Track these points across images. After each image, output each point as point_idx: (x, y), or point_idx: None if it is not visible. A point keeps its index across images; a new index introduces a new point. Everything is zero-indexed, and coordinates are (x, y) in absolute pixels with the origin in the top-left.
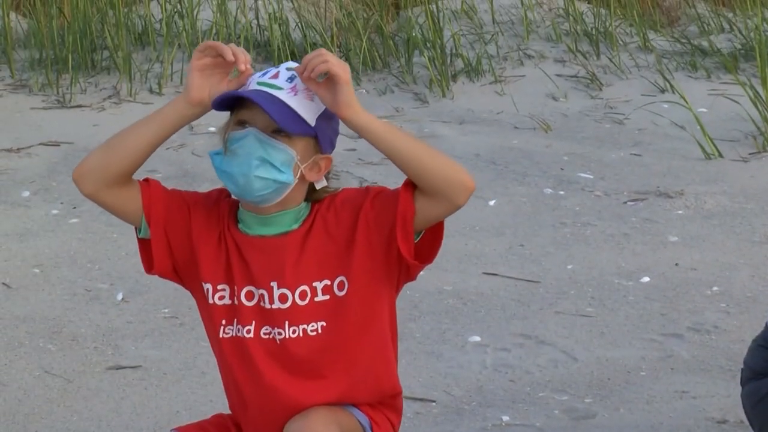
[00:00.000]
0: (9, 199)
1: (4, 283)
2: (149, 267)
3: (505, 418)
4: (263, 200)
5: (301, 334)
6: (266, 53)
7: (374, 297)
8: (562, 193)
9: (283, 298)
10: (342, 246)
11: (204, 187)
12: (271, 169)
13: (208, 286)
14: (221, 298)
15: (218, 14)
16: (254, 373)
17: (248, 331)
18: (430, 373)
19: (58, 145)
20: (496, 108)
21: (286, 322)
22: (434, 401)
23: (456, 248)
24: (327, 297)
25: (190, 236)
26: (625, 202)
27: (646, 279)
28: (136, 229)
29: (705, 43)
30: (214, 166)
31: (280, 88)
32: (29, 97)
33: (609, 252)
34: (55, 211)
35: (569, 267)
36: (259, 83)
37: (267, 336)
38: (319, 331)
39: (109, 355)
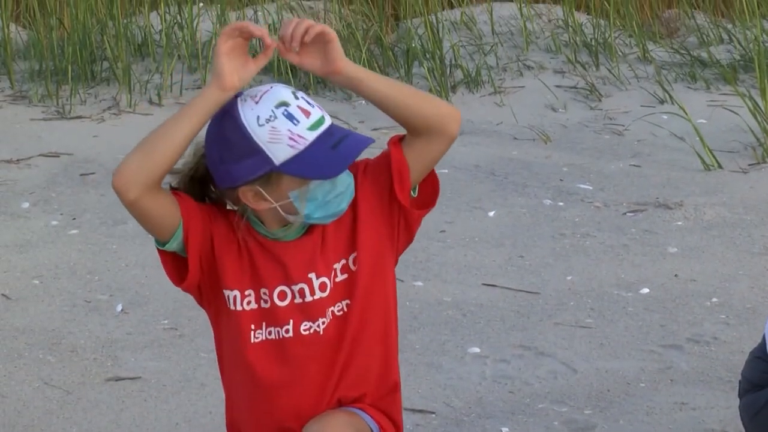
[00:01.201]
0: (8, 210)
1: (3, 294)
2: (180, 280)
3: (505, 429)
4: None
5: (331, 317)
6: (266, 65)
7: (381, 267)
8: (561, 204)
9: (323, 287)
10: (349, 224)
11: None
12: (351, 185)
13: (234, 293)
14: (249, 303)
15: (218, 25)
16: (291, 373)
17: (287, 331)
18: (430, 385)
19: (58, 156)
20: (495, 119)
21: (329, 310)
22: (434, 413)
23: (455, 259)
24: (345, 276)
25: (213, 247)
26: (625, 213)
27: (645, 290)
28: (156, 241)
29: (704, 54)
30: (315, 218)
31: (323, 117)
32: (29, 108)
33: (608, 263)
34: (54, 222)
35: (569, 278)
36: (310, 128)
37: (307, 332)
38: (345, 309)
39: (108, 366)
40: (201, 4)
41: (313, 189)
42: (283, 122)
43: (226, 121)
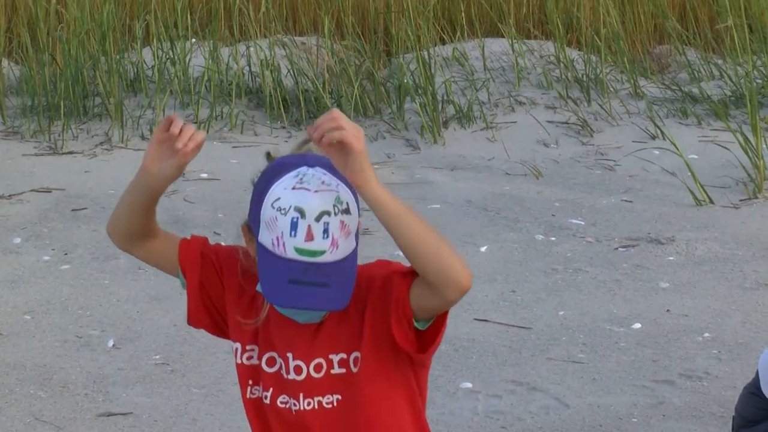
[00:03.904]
0: (0, 245)
1: None
2: (187, 320)
3: None
4: None
5: (316, 406)
6: (258, 100)
7: (386, 376)
8: (553, 239)
9: (297, 370)
10: (356, 322)
11: (195, 234)
12: (313, 317)
13: (237, 346)
14: (249, 358)
15: (210, 61)
16: None
17: (265, 397)
18: None
19: (50, 192)
20: (487, 154)
21: (301, 394)
22: None
23: None
24: (343, 370)
25: (223, 296)
26: (617, 249)
27: (637, 325)
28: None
29: (695, 90)
30: (271, 303)
31: (322, 252)
32: (21, 143)
33: (600, 298)
34: (46, 258)
35: (561, 313)
36: (297, 250)
37: (283, 405)
38: (335, 404)
39: (99, 401)
40: (193, 40)
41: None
42: (285, 223)
43: (271, 172)
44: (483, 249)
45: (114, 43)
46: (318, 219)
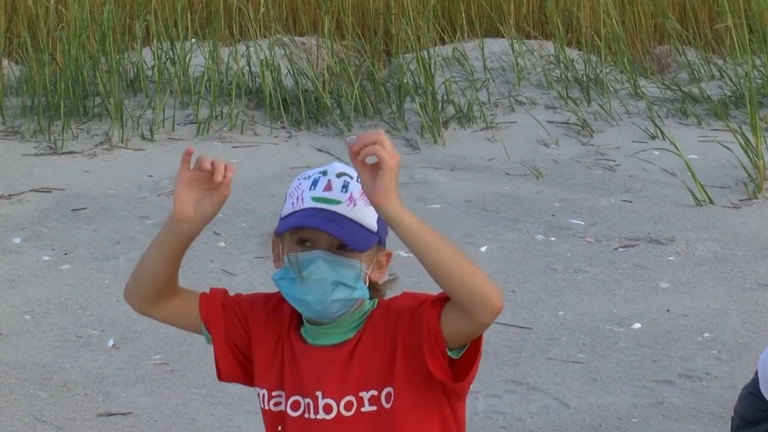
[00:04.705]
0: (0, 245)
1: None
2: (218, 375)
3: None
4: (339, 317)
5: None
6: (258, 100)
7: (421, 411)
8: (553, 239)
9: (327, 409)
10: (388, 356)
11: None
12: (346, 289)
13: (263, 392)
14: (277, 404)
15: (210, 61)
16: None
17: None
18: None
19: (50, 192)
20: (487, 154)
21: None
22: None
23: None
24: (374, 408)
25: (249, 344)
26: (617, 249)
27: (637, 325)
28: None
29: (695, 90)
30: (282, 291)
31: (338, 202)
32: (21, 143)
33: (600, 298)
34: (46, 258)
35: (561, 313)
36: (314, 199)
37: None
38: None
39: (99, 401)
40: (193, 40)
41: (286, 262)
42: (306, 183)
43: None
44: (483, 249)
45: (114, 43)
46: (339, 176)
